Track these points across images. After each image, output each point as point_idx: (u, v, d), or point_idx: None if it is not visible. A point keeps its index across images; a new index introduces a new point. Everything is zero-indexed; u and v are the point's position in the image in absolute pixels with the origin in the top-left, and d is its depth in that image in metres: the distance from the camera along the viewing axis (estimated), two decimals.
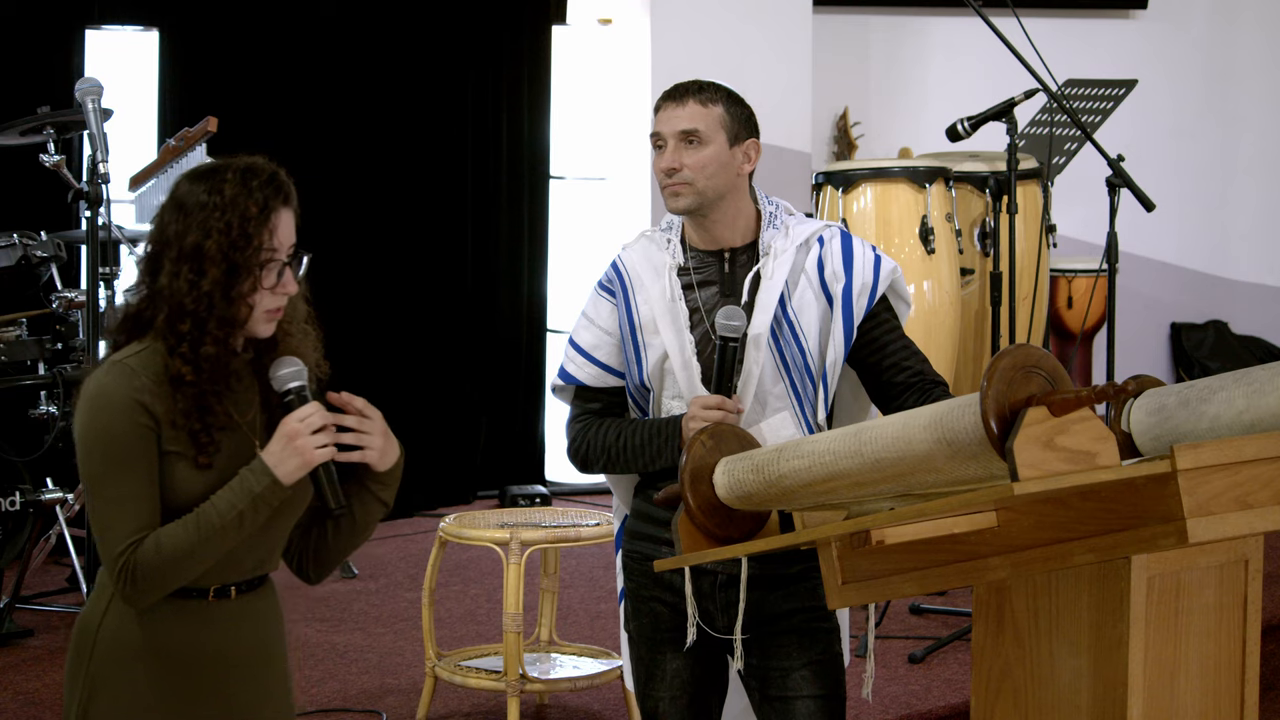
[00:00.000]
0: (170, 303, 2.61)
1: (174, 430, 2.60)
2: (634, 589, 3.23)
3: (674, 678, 3.19)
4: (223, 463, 2.63)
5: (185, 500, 2.60)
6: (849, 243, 3.28)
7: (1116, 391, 2.35)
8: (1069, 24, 8.16)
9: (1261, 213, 8.66)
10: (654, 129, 3.21)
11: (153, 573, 2.56)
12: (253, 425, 2.70)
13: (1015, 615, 2.54)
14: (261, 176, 2.69)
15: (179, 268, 2.60)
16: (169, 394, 2.60)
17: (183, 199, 2.65)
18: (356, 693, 4.78)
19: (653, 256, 3.25)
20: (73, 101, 5.21)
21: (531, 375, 7.36)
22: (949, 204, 5.85)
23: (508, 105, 7.20)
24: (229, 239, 2.61)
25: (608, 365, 3.26)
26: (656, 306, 3.20)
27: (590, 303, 3.32)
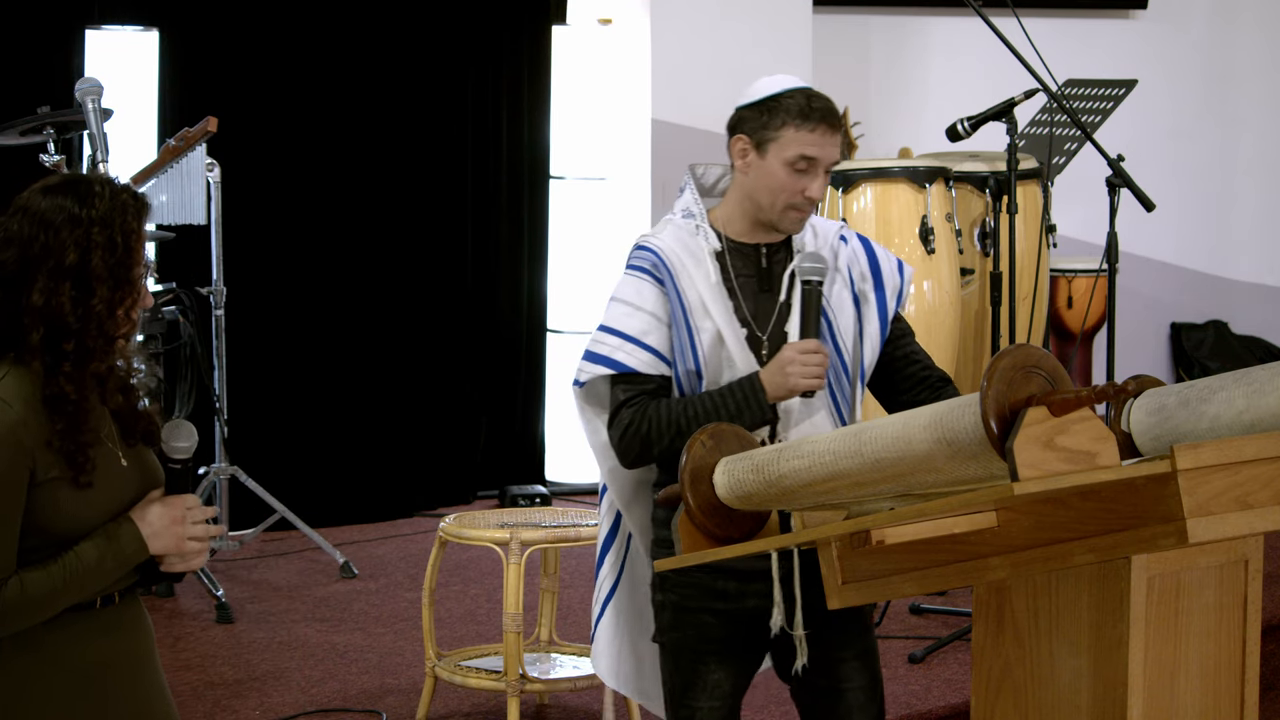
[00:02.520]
0: (49, 322, 2.55)
1: (49, 455, 2.56)
2: (678, 601, 3.20)
3: (714, 689, 3.19)
4: (99, 482, 2.60)
5: (72, 524, 2.58)
6: (868, 243, 3.33)
7: (1116, 391, 2.35)
8: (1069, 24, 8.15)
9: (1261, 213, 8.66)
10: (811, 152, 3.13)
11: (14, 613, 2.54)
12: (111, 437, 2.68)
13: (1015, 615, 2.54)
14: (130, 190, 2.65)
15: (58, 285, 2.55)
16: (42, 418, 2.56)
17: (45, 214, 2.57)
18: (356, 693, 4.78)
19: (686, 242, 3.21)
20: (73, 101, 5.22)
21: (531, 375, 7.36)
22: (949, 204, 5.85)
23: (508, 105, 7.20)
24: (115, 255, 2.58)
25: (659, 351, 3.18)
26: (703, 289, 3.17)
27: (631, 290, 3.22)
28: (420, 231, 7.03)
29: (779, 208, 3.16)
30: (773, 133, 3.15)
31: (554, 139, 7.35)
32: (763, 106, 3.17)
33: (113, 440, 2.67)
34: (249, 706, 4.65)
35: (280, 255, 6.76)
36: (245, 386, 6.44)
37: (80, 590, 2.58)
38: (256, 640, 5.23)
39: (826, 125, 3.14)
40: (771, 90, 3.18)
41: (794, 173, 3.13)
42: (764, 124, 3.16)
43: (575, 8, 7.48)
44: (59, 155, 5.28)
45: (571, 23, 7.50)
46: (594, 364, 3.21)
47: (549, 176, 7.37)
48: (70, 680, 2.64)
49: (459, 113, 7.09)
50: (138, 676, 2.73)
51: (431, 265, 7.07)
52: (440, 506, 6.95)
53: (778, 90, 3.17)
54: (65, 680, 2.63)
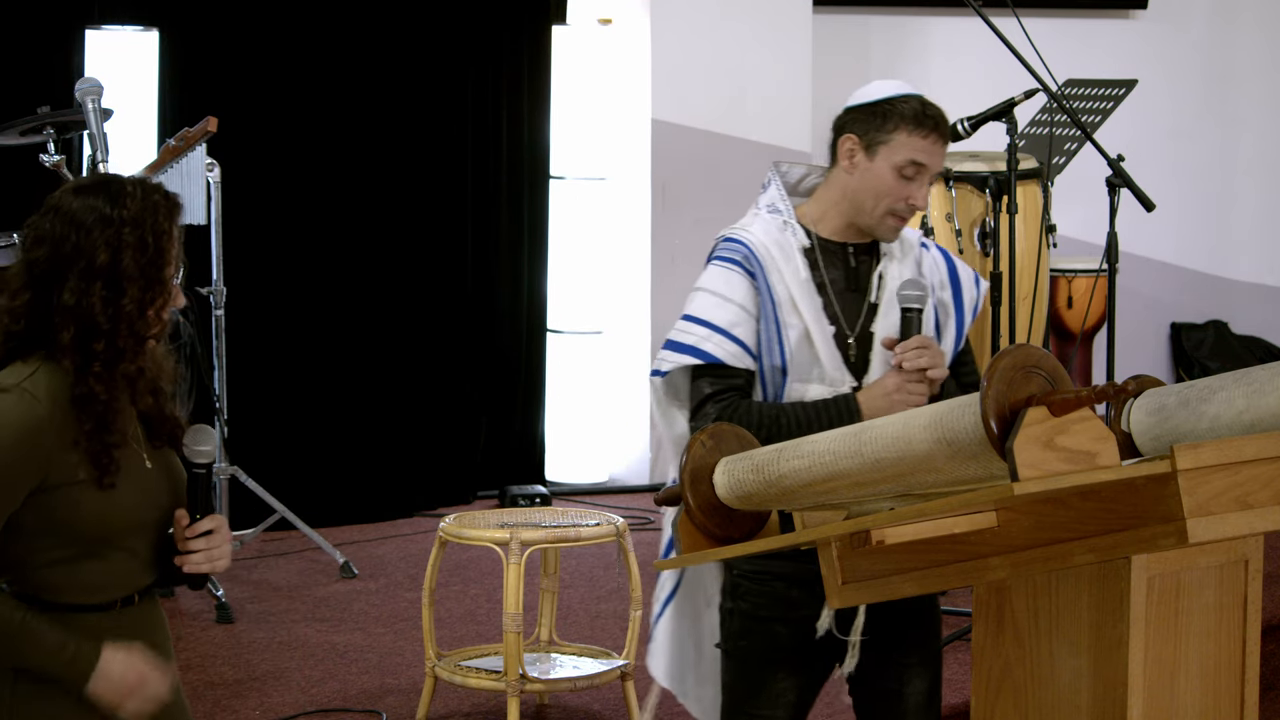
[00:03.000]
0: (80, 321, 2.55)
1: (74, 454, 2.55)
2: (749, 610, 3.18)
3: (780, 698, 3.18)
4: (123, 482, 2.60)
5: (95, 526, 2.58)
6: (946, 254, 3.35)
7: (1116, 391, 2.35)
8: (1069, 24, 8.15)
9: (1261, 213, 8.66)
10: (922, 158, 3.13)
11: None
12: (137, 438, 2.68)
13: (1015, 615, 2.54)
14: (161, 190, 2.65)
15: (89, 285, 2.55)
16: (69, 417, 2.56)
17: (76, 214, 2.58)
18: (356, 693, 4.78)
19: (776, 237, 3.20)
20: (73, 101, 5.21)
21: (531, 375, 7.36)
22: (949, 204, 5.85)
23: (508, 105, 7.20)
24: (146, 256, 2.58)
25: (747, 345, 3.15)
26: (792, 285, 3.15)
27: (720, 281, 3.19)
28: (420, 231, 7.03)
29: (880, 212, 3.15)
30: (885, 136, 3.15)
31: (554, 139, 7.35)
32: (876, 109, 3.17)
33: (138, 442, 2.67)
34: (249, 706, 4.65)
35: (280, 255, 6.75)
36: (245, 386, 6.43)
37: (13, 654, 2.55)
38: (256, 640, 5.23)
39: (938, 134, 3.16)
40: (886, 94, 3.19)
41: (901, 178, 3.13)
42: (877, 126, 3.16)
43: (575, 8, 7.48)
44: (59, 155, 5.27)
45: (571, 23, 7.50)
46: (679, 353, 3.17)
47: (549, 176, 7.37)
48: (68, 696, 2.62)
49: (459, 113, 7.09)
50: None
51: (431, 265, 7.07)
52: (440, 506, 6.95)
53: (892, 94, 3.19)
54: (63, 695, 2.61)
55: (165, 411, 2.72)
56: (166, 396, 2.73)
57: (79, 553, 2.59)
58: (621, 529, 4.50)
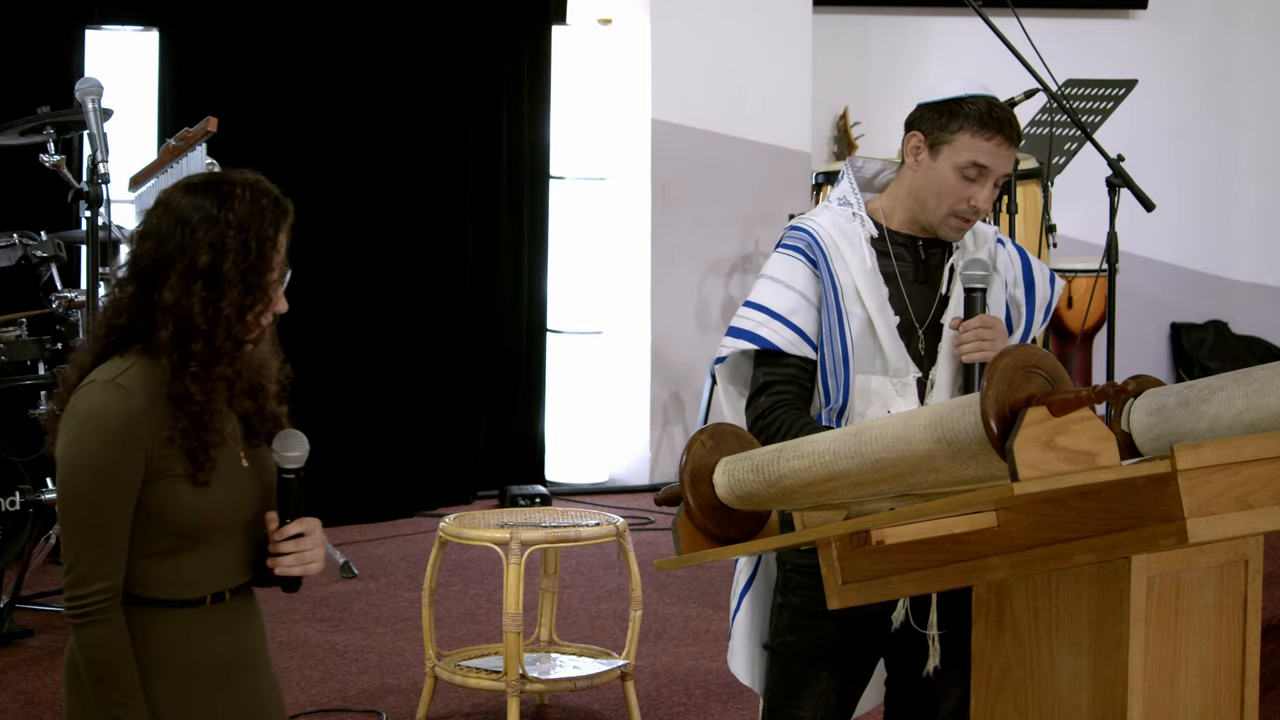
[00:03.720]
0: (178, 321, 2.56)
1: (168, 449, 2.56)
2: (801, 604, 3.15)
3: (823, 698, 3.16)
4: (219, 479, 2.60)
5: (188, 521, 2.58)
6: (1023, 251, 3.33)
7: (1116, 391, 2.35)
8: (1069, 24, 8.16)
9: (1261, 213, 8.66)
10: (985, 160, 3.09)
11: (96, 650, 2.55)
12: (234, 436, 2.68)
13: (1015, 615, 2.54)
14: (270, 195, 2.63)
15: (190, 285, 2.55)
16: (165, 413, 2.56)
17: (183, 212, 2.57)
18: (356, 693, 4.78)
19: (843, 227, 3.17)
20: (73, 101, 5.21)
21: (531, 375, 7.36)
22: None
23: (508, 105, 7.20)
24: (247, 261, 2.57)
25: (804, 332, 3.12)
26: (857, 275, 3.13)
27: (781, 268, 3.16)
28: (420, 231, 7.03)
29: (942, 213, 3.13)
30: (949, 135, 3.12)
31: (554, 139, 7.35)
32: (943, 107, 3.14)
33: (235, 439, 2.67)
34: None
35: None
36: None
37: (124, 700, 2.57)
38: None
39: (1004, 136, 3.11)
40: (955, 93, 3.15)
41: (963, 179, 3.10)
42: (942, 125, 3.12)
43: (575, 8, 7.48)
44: (59, 155, 5.27)
45: (571, 23, 7.50)
46: (736, 339, 3.16)
47: (549, 176, 7.37)
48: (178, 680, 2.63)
49: (459, 113, 7.09)
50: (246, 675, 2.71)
51: (432, 265, 7.07)
52: (440, 506, 6.96)
53: (961, 94, 3.15)
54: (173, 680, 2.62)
55: (266, 411, 2.72)
56: (269, 396, 2.73)
57: (171, 547, 2.59)
58: (621, 529, 4.50)
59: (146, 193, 5.47)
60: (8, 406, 5.47)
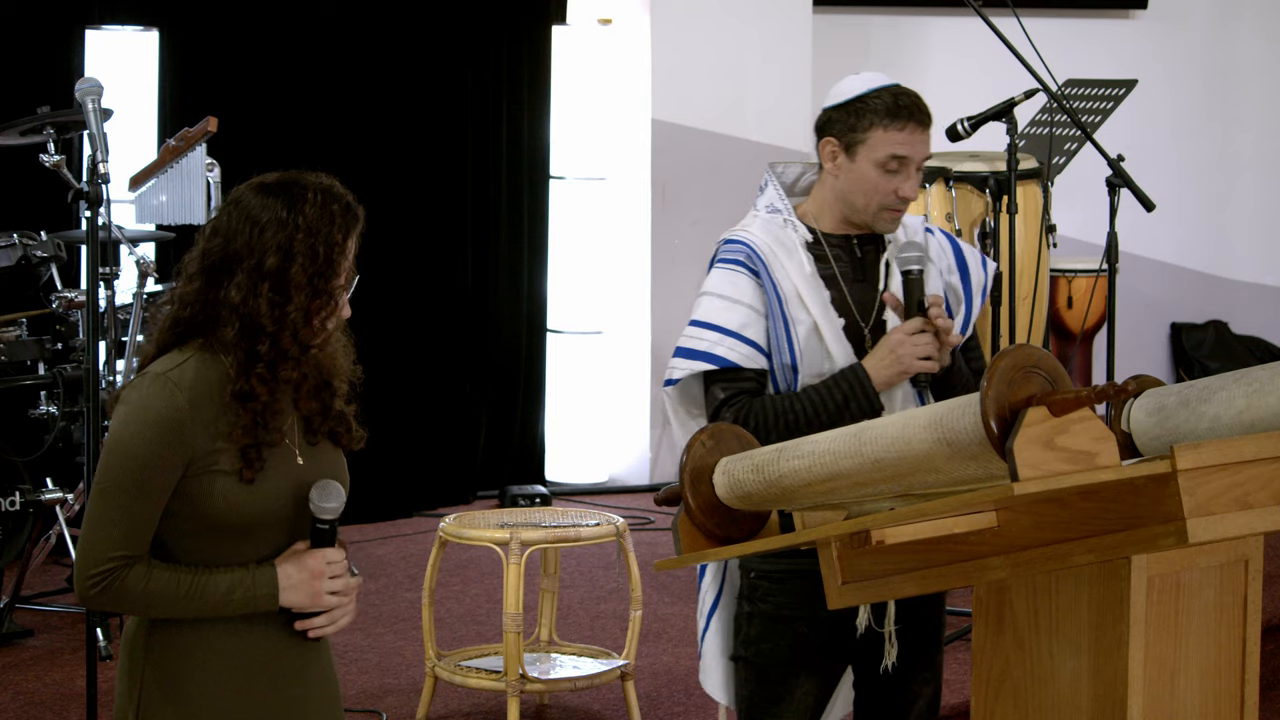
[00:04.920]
0: (244, 320, 2.56)
1: (221, 444, 2.57)
2: (771, 611, 3.14)
3: (801, 702, 3.15)
4: (266, 476, 2.60)
5: (230, 515, 2.58)
6: (951, 238, 3.33)
7: (1116, 391, 2.35)
8: (1069, 24, 8.15)
9: (1261, 213, 8.66)
10: (902, 151, 3.10)
11: (128, 597, 2.57)
12: (291, 434, 2.68)
13: (1015, 615, 2.54)
14: (341, 201, 2.62)
15: (256, 285, 2.55)
16: (219, 408, 2.57)
17: (253, 211, 2.57)
18: (356, 693, 4.78)
19: (777, 234, 3.17)
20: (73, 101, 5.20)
21: (531, 375, 7.36)
22: (949, 204, 5.85)
23: (508, 105, 7.20)
24: (315, 266, 2.57)
25: (759, 344, 3.12)
26: (797, 281, 3.13)
27: (725, 283, 3.16)
28: (420, 231, 7.03)
29: (873, 209, 3.13)
30: (861, 134, 3.12)
31: (554, 139, 7.35)
32: (849, 108, 3.14)
33: (293, 438, 2.67)
34: None
35: None
36: None
37: (196, 609, 2.58)
38: None
39: (915, 123, 3.12)
40: (858, 90, 3.15)
41: (885, 173, 3.10)
42: (852, 126, 3.13)
43: (575, 8, 7.48)
44: (59, 155, 5.27)
45: (571, 23, 7.50)
46: (691, 360, 3.14)
47: (549, 176, 7.37)
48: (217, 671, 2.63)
49: (459, 113, 7.09)
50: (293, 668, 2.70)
51: (431, 265, 7.07)
52: (440, 506, 6.95)
53: (864, 90, 3.14)
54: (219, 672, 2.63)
55: (332, 410, 2.72)
56: (336, 393, 2.73)
57: (209, 539, 2.60)
58: (621, 529, 4.50)
59: (146, 193, 5.46)
60: (8, 406, 5.47)
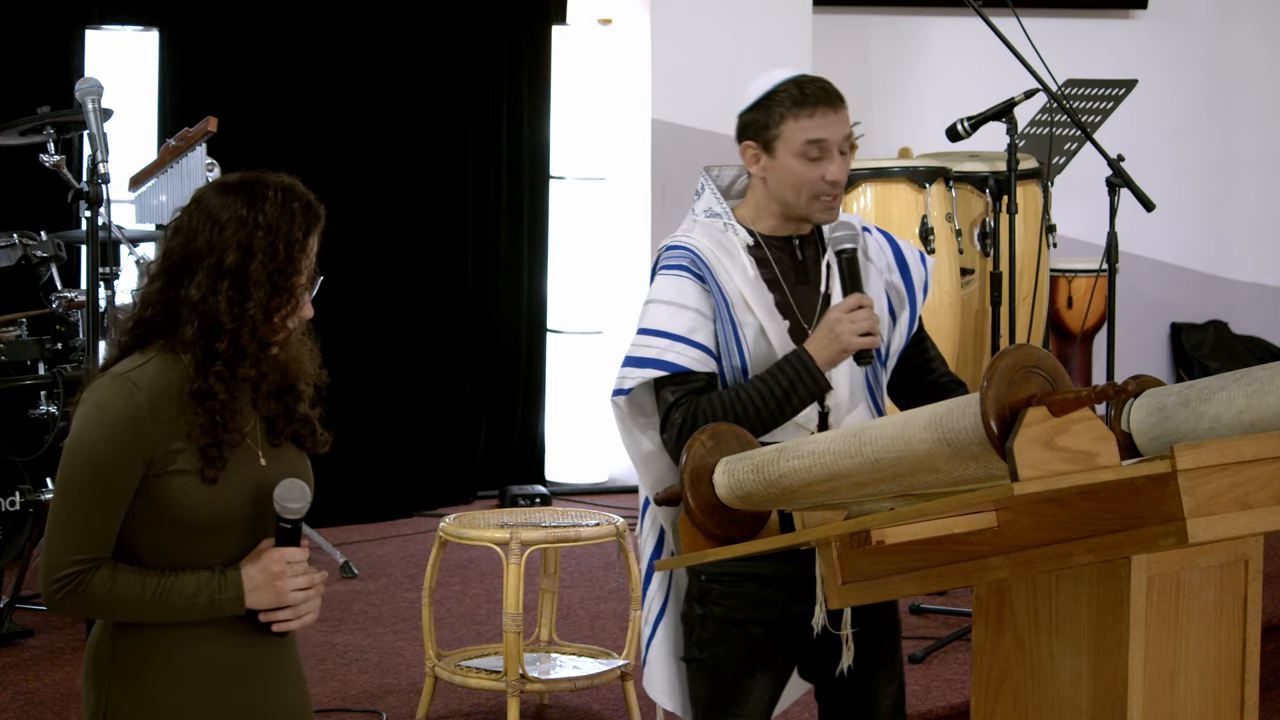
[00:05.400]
0: (203, 318, 2.57)
1: (181, 445, 2.57)
2: (723, 614, 3.14)
3: (756, 700, 3.15)
4: (228, 476, 2.61)
5: (193, 517, 2.58)
6: (889, 236, 3.32)
7: (1116, 391, 2.35)
8: (1069, 24, 8.15)
9: (1261, 213, 8.66)
10: (817, 135, 3.09)
11: (93, 601, 2.56)
12: (253, 435, 2.68)
13: (1015, 615, 2.54)
14: (302, 200, 2.65)
15: (216, 283, 2.56)
16: (180, 408, 2.57)
17: (214, 210, 2.59)
18: (356, 693, 4.78)
19: (718, 238, 3.17)
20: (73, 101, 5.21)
21: (531, 375, 7.36)
22: (949, 204, 5.85)
23: (508, 105, 7.20)
24: (275, 263, 2.58)
25: (708, 348, 3.11)
26: (741, 284, 3.13)
27: (670, 289, 3.15)
28: (420, 232, 7.03)
29: (804, 201, 3.13)
30: (775, 129, 3.12)
31: (554, 139, 7.35)
32: (759, 107, 3.15)
33: (255, 438, 2.68)
34: None
35: None
36: None
37: (162, 614, 2.58)
38: None
39: (825, 105, 3.11)
40: (765, 89, 3.15)
41: (807, 161, 3.10)
42: (764, 124, 3.13)
43: (575, 8, 7.48)
44: (59, 155, 5.27)
45: (571, 23, 7.50)
46: (641, 368, 3.13)
47: (549, 176, 7.37)
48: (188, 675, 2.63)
49: (459, 113, 7.09)
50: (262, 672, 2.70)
51: (431, 265, 7.07)
52: (440, 506, 6.95)
53: (770, 87, 3.14)
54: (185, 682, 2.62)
55: (296, 412, 2.73)
56: (300, 397, 2.74)
57: (171, 540, 2.59)
58: (621, 529, 4.50)
59: (147, 193, 5.47)
60: (8, 406, 5.47)
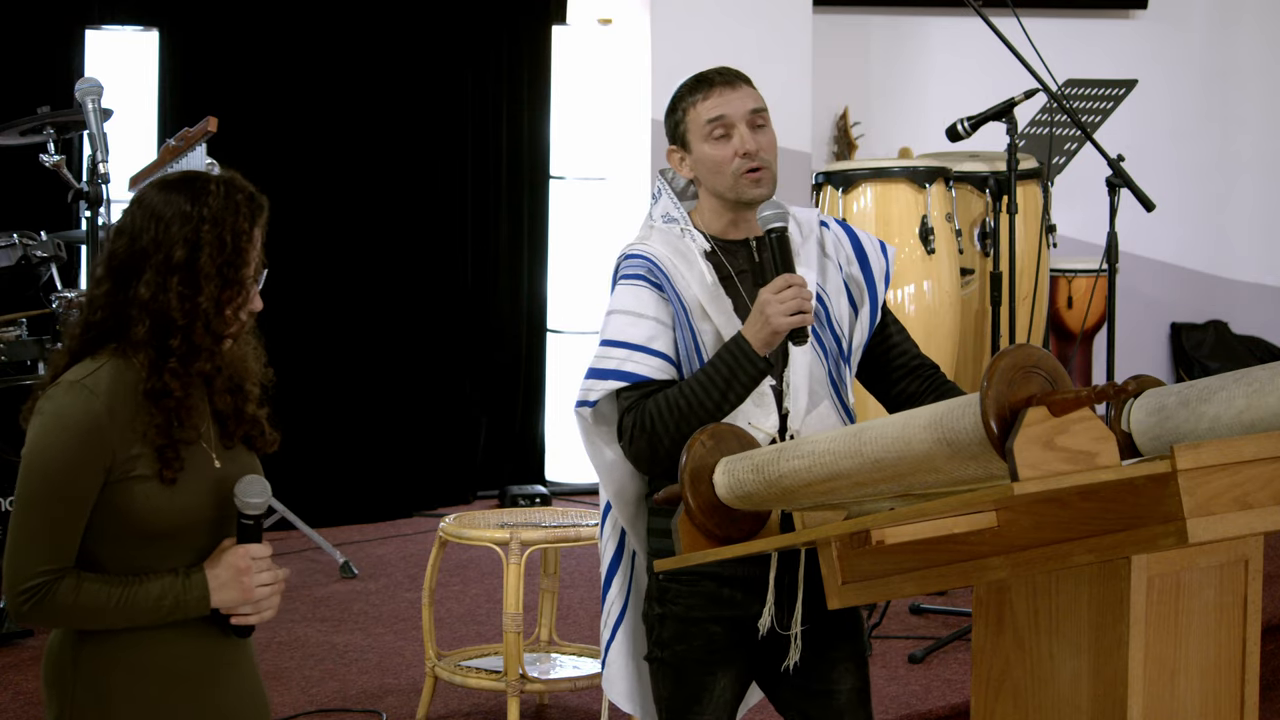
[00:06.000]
0: (154, 316, 2.56)
1: (139, 448, 2.56)
2: (682, 612, 3.13)
3: (720, 697, 3.14)
4: (186, 479, 2.60)
5: (155, 521, 2.57)
6: (848, 228, 3.33)
7: (1116, 391, 2.35)
8: (1069, 24, 8.15)
9: (1261, 213, 8.66)
10: (714, 113, 3.14)
11: (60, 611, 2.55)
12: (207, 437, 2.67)
13: (1015, 615, 2.54)
14: (245, 191, 2.65)
15: (166, 280, 2.56)
16: (137, 411, 2.56)
17: (157, 208, 2.58)
18: (356, 693, 4.78)
19: (676, 245, 3.18)
20: (73, 101, 5.21)
21: (531, 375, 7.36)
22: (949, 204, 5.85)
23: (508, 105, 7.20)
24: (223, 255, 2.59)
25: (668, 355, 3.11)
26: (699, 290, 3.13)
27: (629, 299, 3.16)
28: (420, 231, 7.03)
29: (729, 181, 3.14)
30: (683, 124, 3.20)
31: (554, 139, 7.35)
32: (670, 109, 3.24)
33: (209, 440, 2.67)
34: None
35: (280, 255, 6.71)
36: None
37: (129, 618, 2.57)
38: (256, 640, 5.17)
39: (721, 84, 3.18)
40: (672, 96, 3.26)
41: (715, 141, 3.15)
42: (675, 122, 3.21)
43: (575, 8, 7.48)
44: (59, 155, 5.27)
45: (571, 23, 7.50)
46: (603, 380, 3.13)
47: (549, 176, 7.37)
48: (146, 681, 2.62)
49: (459, 113, 7.09)
50: (220, 678, 2.70)
51: (431, 265, 7.07)
52: (440, 506, 6.96)
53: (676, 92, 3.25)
54: (141, 681, 2.62)
55: (245, 413, 2.72)
56: (249, 398, 2.73)
57: (139, 546, 2.59)
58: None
59: None
60: (8, 406, 5.46)
